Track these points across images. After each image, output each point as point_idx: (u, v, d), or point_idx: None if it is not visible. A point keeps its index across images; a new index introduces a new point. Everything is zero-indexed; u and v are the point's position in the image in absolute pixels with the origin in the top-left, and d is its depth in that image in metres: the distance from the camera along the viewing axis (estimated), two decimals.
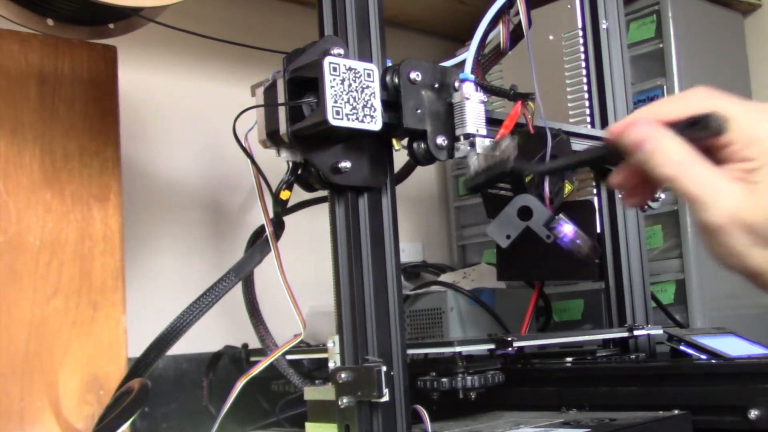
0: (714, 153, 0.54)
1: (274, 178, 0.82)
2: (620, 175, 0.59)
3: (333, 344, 0.78)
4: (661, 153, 0.54)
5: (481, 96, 0.81)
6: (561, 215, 0.84)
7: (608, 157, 0.60)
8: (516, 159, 0.76)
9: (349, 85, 0.73)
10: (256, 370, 0.81)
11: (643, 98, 1.47)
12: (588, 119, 1.16)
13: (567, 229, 0.82)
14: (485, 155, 0.78)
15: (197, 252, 1.32)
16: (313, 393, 0.83)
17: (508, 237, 0.85)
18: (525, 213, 0.83)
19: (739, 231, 0.52)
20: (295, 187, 0.81)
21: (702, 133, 0.54)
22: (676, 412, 0.87)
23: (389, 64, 0.80)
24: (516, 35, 0.92)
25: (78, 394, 0.95)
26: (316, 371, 0.98)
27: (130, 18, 0.94)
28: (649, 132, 0.55)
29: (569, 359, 1.08)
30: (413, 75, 0.78)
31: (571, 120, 1.16)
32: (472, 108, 0.80)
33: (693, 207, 0.53)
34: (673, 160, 0.54)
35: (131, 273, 1.11)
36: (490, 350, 0.95)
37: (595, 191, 1.14)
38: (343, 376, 0.76)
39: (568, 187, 0.94)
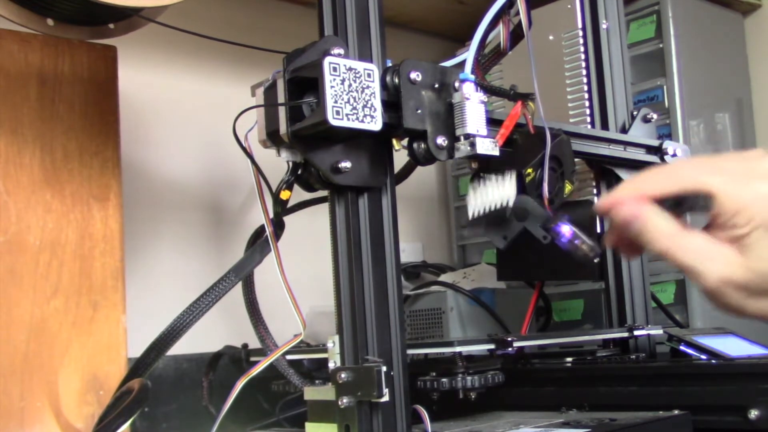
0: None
1: (274, 178, 0.82)
2: (612, 238, 0.64)
3: (333, 344, 0.78)
4: (650, 230, 0.58)
5: (481, 96, 0.81)
6: (559, 215, 0.84)
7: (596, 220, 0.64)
8: (514, 206, 0.79)
9: (349, 85, 0.73)
10: (256, 370, 0.81)
11: (643, 98, 1.47)
12: (588, 119, 1.16)
13: (565, 229, 0.82)
14: (484, 192, 0.79)
15: (197, 252, 1.32)
16: (313, 393, 0.83)
17: (504, 238, 0.85)
18: (521, 214, 0.84)
19: (733, 290, 0.56)
20: (295, 187, 0.81)
21: (689, 212, 0.58)
22: (676, 412, 0.87)
23: (389, 64, 0.80)
24: (516, 35, 0.92)
25: (78, 394, 0.95)
26: (316, 371, 0.98)
27: (130, 18, 0.94)
28: (638, 211, 0.59)
29: (569, 359, 1.08)
30: (413, 75, 0.78)
31: (571, 120, 1.16)
32: (472, 108, 0.80)
33: (687, 275, 0.58)
34: (662, 237, 0.58)
35: (131, 273, 1.11)
36: (490, 350, 0.95)
37: (595, 191, 1.14)
38: (343, 376, 0.76)
39: (568, 187, 0.94)
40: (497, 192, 0.79)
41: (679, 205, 0.58)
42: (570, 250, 0.83)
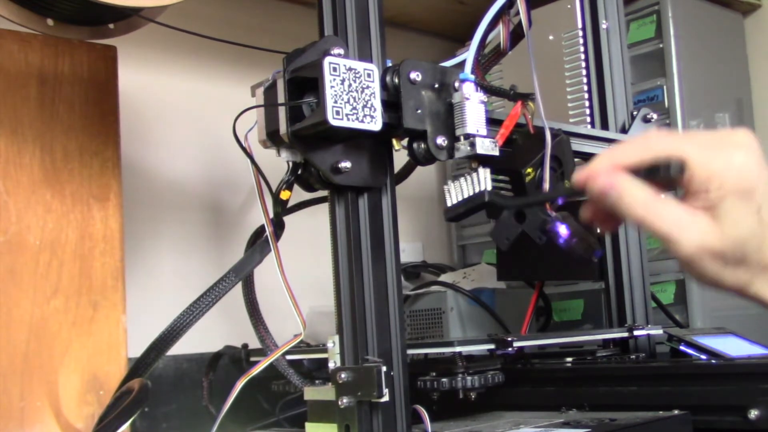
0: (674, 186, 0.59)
1: (274, 178, 0.82)
2: (589, 212, 0.64)
3: (333, 344, 0.78)
4: (626, 198, 0.58)
5: (481, 96, 0.81)
6: (556, 215, 0.84)
7: (577, 196, 0.65)
8: (491, 192, 0.79)
9: (349, 85, 0.73)
10: (256, 370, 0.81)
11: (643, 98, 1.47)
12: (588, 119, 1.16)
13: (562, 229, 0.82)
14: (461, 186, 0.80)
15: (197, 252, 1.32)
16: (313, 393, 0.83)
17: (507, 239, 0.85)
18: (520, 216, 0.84)
19: (709, 258, 0.56)
20: (295, 187, 0.81)
21: (662, 178, 0.58)
22: (676, 412, 0.87)
23: (389, 64, 0.80)
24: (516, 35, 0.92)
25: (78, 394, 0.95)
26: (316, 371, 0.98)
27: (130, 18, 0.94)
28: (613, 180, 0.59)
29: (569, 359, 1.08)
30: (413, 75, 0.78)
31: (571, 120, 1.16)
32: (472, 108, 0.80)
33: (664, 242, 0.58)
34: (638, 205, 0.58)
35: (131, 273, 1.11)
36: (490, 350, 0.95)
37: None
38: (343, 376, 0.76)
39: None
40: (470, 180, 0.80)
41: (653, 173, 0.58)
42: (568, 250, 0.83)
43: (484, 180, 0.80)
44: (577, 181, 0.62)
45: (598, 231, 1.13)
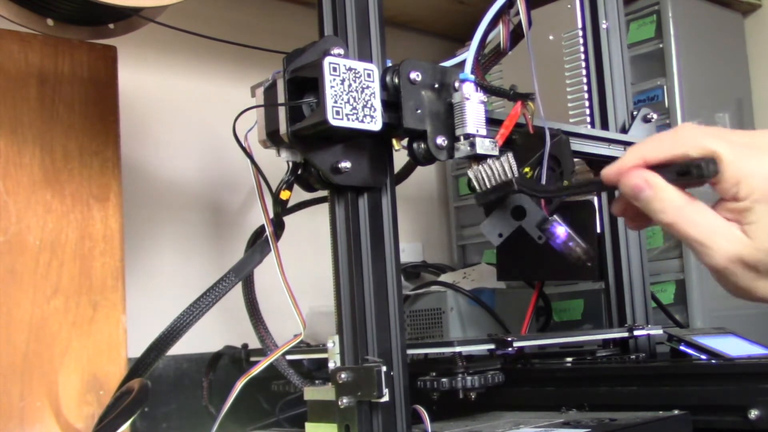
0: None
1: (274, 178, 0.82)
2: (620, 206, 0.62)
3: (333, 344, 0.78)
4: (658, 201, 0.56)
5: (481, 96, 0.81)
6: (555, 216, 0.84)
7: (606, 190, 0.63)
8: (519, 180, 0.79)
9: (349, 85, 0.73)
10: (256, 370, 0.81)
11: (643, 98, 1.47)
12: (588, 119, 1.16)
13: (560, 231, 0.82)
14: (487, 172, 0.80)
15: (197, 252, 1.32)
16: (313, 393, 0.83)
17: (500, 235, 0.85)
18: (518, 212, 0.84)
19: (742, 269, 0.54)
20: (295, 187, 0.81)
21: (694, 179, 0.55)
22: (676, 412, 0.87)
23: (389, 64, 0.80)
24: (516, 35, 0.92)
25: (78, 394, 0.95)
26: (316, 371, 0.98)
27: (130, 18, 0.94)
28: (645, 180, 0.57)
29: (569, 359, 1.08)
30: (413, 75, 0.78)
31: (571, 120, 1.16)
32: (472, 108, 0.80)
33: (694, 250, 0.55)
34: (670, 208, 0.56)
35: (131, 273, 1.11)
36: (490, 350, 0.95)
37: (595, 192, 1.14)
38: (343, 376, 0.76)
39: None
40: (498, 166, 0.79)
41: (685, 174, 0.55)
42: (564, 252, 0.83)
43: (509, 166, 0.79)
44: (606, 175, 0.59)
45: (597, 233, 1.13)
